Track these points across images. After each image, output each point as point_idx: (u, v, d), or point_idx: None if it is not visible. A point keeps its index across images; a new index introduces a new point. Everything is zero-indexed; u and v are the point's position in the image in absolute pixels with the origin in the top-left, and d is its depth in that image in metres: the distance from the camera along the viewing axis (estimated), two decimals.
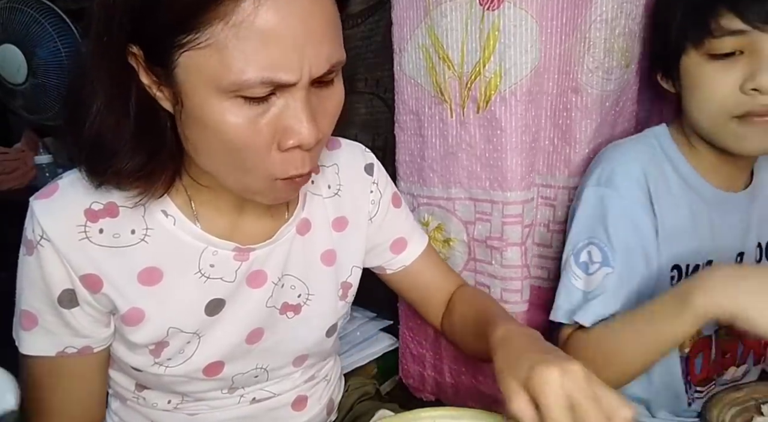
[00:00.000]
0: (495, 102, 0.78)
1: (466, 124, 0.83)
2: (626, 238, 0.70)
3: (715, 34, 0.64)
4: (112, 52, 0.46)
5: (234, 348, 0.60)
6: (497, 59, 0.76)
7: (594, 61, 0.77)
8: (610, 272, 0.69)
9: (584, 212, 0.73)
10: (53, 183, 0.55)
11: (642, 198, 0.71)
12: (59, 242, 0.52)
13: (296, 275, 0.64)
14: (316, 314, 0.66)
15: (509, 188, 0.82)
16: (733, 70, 0.64)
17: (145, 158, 0.50)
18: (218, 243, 0.57)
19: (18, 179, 1.58)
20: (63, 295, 0.53)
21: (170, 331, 0.57)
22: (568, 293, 0.71)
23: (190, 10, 0.41)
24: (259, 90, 0.44)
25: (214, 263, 0.58)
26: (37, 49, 1.41)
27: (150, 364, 0.58)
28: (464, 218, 0.89)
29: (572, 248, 0.73)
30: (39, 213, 0.52)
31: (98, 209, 0.53)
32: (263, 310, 0.61)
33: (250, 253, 0.59)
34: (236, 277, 0.59)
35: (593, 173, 0.73)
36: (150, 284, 0.56)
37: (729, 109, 0.65)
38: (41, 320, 0.55)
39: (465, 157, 0.85)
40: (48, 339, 0.55)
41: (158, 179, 0.52)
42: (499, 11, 0.74)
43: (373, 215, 0.71)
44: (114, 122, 0.48)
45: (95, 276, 0.53)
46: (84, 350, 0.57)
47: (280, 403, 0.68)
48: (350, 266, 0.69)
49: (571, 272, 0.72)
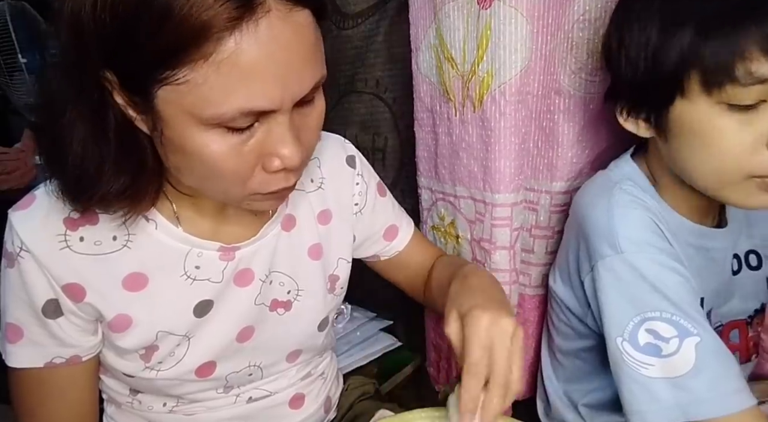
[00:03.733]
0: (486, 102, 0.78)
1: (465, 123, 0.83)
2: (687, 296, 0.58)
3: (742, 82, 0.52)
4: (86, 78, 0.45)
5: (225, 347, 0.61)
6: (489, 58, 0.76)
7: (577, 62, 0.76)
8: (699, 341, 0.56)
9: (615, 289, 0.60)
10: (30, 194, 0.54)
11: (665, 244, 0.61)
12: (39, 253, 0.51)
13: (284, 272, 0.64)
14: (307, 308, 0.66)
15: (497, 190, 0.81)
16: (756, 123, 0.54)
17: (129, 180, 0.49)
18: (202, 244, 0.57)
19: (18, 179, 1.58)
20: (47, 306, 0.53)
21: (159, 335, 0.57)
22: (646, 390, 0.57)
23: (170, 50, 0.40)
24: (241, 121, 0.43)
25: (199, 265, 0.58)
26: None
27: (141, 369, 0.58)
28: (468, 217, 0.89)
29: (620, 333, 0.59)
30: (17, 225, 0.52)
31: (77, 217, 0.53)
32: (252, 308, 0.62)
33: (235, 252, 0.59)
34: (223, 277, 0.59)
35: (595, 245, 0.63)
36: (135, 289, 0.55)
37: (749, 169, 0.56)
38: (27, 332, 0.55)
39: (465, 156, 0.85)
40: (35, 350, 0.55)
41: (144, 197, 0.52)
42: (491, 9, 0.73)
43: (362, 207, 0.71)
44: (96, 150, 0.47)
45: (77, 286, 0.53)
46: (72, 359, 0.57)
47: (276, 402, 0.69)
48: (336, 259, 0.69)
49: (634, 364, 0.57)
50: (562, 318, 0.76)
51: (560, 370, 0.81)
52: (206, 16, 0.39)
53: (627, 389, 0.58)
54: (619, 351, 0.59)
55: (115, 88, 0.45)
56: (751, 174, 0.56)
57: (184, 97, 0.42)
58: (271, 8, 0.41)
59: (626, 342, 0.58)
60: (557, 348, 0.80)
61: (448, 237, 0.93)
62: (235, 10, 0.39)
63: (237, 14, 0.39)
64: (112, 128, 0.47)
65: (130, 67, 0.42)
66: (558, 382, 0.82)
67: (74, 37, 0.43)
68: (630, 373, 0.58)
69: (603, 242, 0.62)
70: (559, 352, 0.80)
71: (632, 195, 0.64)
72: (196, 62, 0.40)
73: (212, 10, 0.39)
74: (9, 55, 1.41)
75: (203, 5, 0.39)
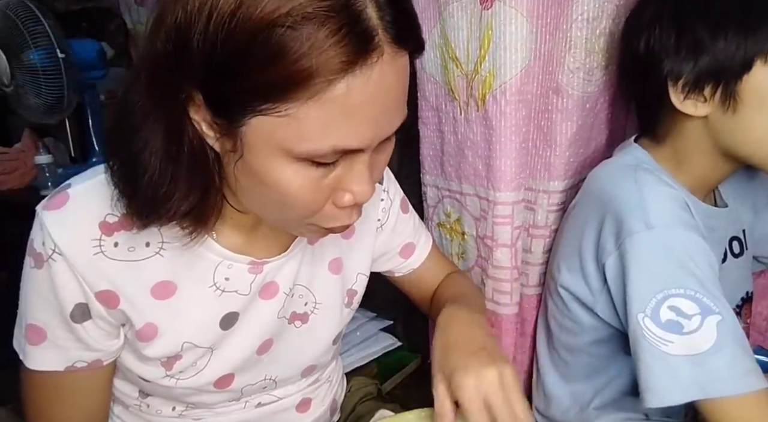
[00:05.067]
0: (489, 101, 0.78)
1: (470, 122, 0.83)
2: (711, 274, 0.59)
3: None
4: (172, 93, 0.43)
5: (245, 359, 0.60)
6: (491, 58, 0.76)
7: (575, 61, 0.77)
8: (720, 319, 0.56)
9: (641, 265, 0.60)
10: (62, 192, 0.52)
11: (694, 222, 0.62)
12: (73, 257, 0.49)
13: (304, 284, 0.63)
14: (323, 322, 0.66)
15: (498, 188, 0.81)
16: None
17: (198, 199, 0.48)
18: (234, 257, 0.56)
19: (18, 179, 1.58)
20: (75, 309, 0.51)
21: (184, 346, 0.56)
22: (665, 366, 0.57)
23: (278, 87, 0.39)
24: (330, 157, 0.43)
25: (229, 277, 0.57)
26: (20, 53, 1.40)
27: (161, 376, 0.57)
28: (474, 214, 0.89)
29: (642, 309, 0.59)
30: (50, 225, 0.49)
31: (113, 222, 0.51)
32: (274, 321, 0.61)
33: (264, 266, 0.58)
34: (251, 290, 0.58)
35: (625, 221, 0.63)
36: (163, 297, 0.54)
37: None
38: (50, 334, 0.53)
39: (470, 154, 0.85)
40: (57, 353, 0.54)
41: (209, 216, 0.51)
42: (492, 9, 0.74)
43: (383, 222, 0.71)
44: (170, 167, 0.46)
45: (112, 293, 0.52)
46: (94, 363, 0.55)
47: (284, 406, 0.69)
48: (356, 274, 0.69)
49: (654, 340, 0.57)
50: (567, 313, 0.76)
51: (564, 368, 0.81)
52: (323, 58, 0.38)
53: (645, 365, 0.58)
54: (640, 327, 0.58)
55: (196, 106, 0.44)
56: None
57: (278, 129, 0.41)
58: (384, 52, 0.40)
59: (648, 319, 0.58)
60: (561, 345, 0.80)
61: (454, 234, 0.94)
62: (352, 55, 0.39)
63: (353, 59, 0.39)
64: (186, 144, 0.46)
65: (228, 93, 0.41)
66: (562, 381, 0.82)
67: (174, 52, 0.41)
68: (650, 349, 0.57)
69: (634, 218, 0.62)
70: (563, 349, 0.80)
71: (656, 176, 0.66)
72: (302, 100, 0.39)
73: (329, 53, 0.38)
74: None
75: (320, 48, 0.38)
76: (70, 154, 1.65)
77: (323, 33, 0.37)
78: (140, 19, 1.72)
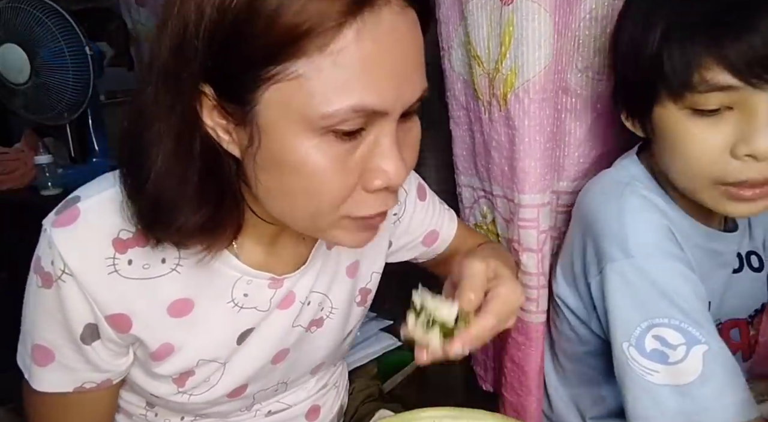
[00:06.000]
0: (510, 101, 0.75)
1: (494, 122, 0.80)
2: (696, 303, 0.57)
3: (699, 89, 0.53)
4: (182, 94, 0.42)
5: (259, 369, 0.58)
6: (512, 56, 0.73)
7: (584, 60, 0.75)
8: (707, 349, 0.55)
9: (623, 294, 0.59)
10: (71, 206, 0.48)
11: (677, 250, 0.60)
12: (85, 279, 0.47)
13: (321, 291, 0.61)
14: (337, 324, 0.64)
15: (523, 190, 0.78)
16: (722, 129, 0.54)
17: (211, 210, 0.45)
18: (254, 274, 0.54)
19: (18, 179, 1.57)
20: (85, 331, 0.49)
21: (199, 362, 0.54)
22: (651, 396, 0.56)
23: (286, 41, 0.37)
24: (351, 122, 0.40)
25: (248, 293, 0.54)
26: (39, 49, 1.41)
27: (173, 393, 0.55)
28: (504, 216, 0.86)
29: (626, 338, 0.58)
30: (60, 244, 0.46)
31: (127, 238, 0.48)
32: (290, 330, 0.59)
33: (284, 281, 0.56)
34: (270, 305, 0.56)
35: (605, 248, 0.61)
36: (180, 315, 0.52)
37: (718, 175, 0.55)
38: (59, 355, 0.50)
39: (497, 155, 0.82)
40: (65, 374, 0.51)
41: (224, 231, 0.48)
42: (513, 5, 0.71)
43: (400, 215, 0.69)
44: (179, 171, 0.44)
45: (125, 316, 0.49)
46: (103, 384, 0.53)
47: (294, 414, 0.67)
48: (370, 273, 0.67)
49: (639, 370, 0.56)
50: (564, 322, 0.75)
51: (566, 374, 0.80)
52: (325, 4, 0.36)
53: (632, 395, 0.57)
54: (625, 356, 0.58)
55: (209, 105, 0.42)
56: (718, 181, 0.56)
57: (293, 95, 0.39)
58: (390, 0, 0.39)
59: (632, 348, 0.57)
60: (562, 352, 0.79)
61: (490, 235, 0.91)
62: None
63: (358, 1, 0.37)
64: (198, 150, 0.44)
65: (234, 67, 0.40)
66: (563, 387, 0.81)
67: (178, 49, 0.41)
68: (635, 379, 0.57)
69: (613, 245, 0.61)
70: (563, 356, 0.79)
71: (643, 198, 0.63)
72: (309, 55, 0.38)
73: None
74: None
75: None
76: (70, 154, 1.65)
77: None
78: (140, 19, 1.71)
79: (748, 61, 0.50)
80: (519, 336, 0.84)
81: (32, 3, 1.39)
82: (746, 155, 0.53)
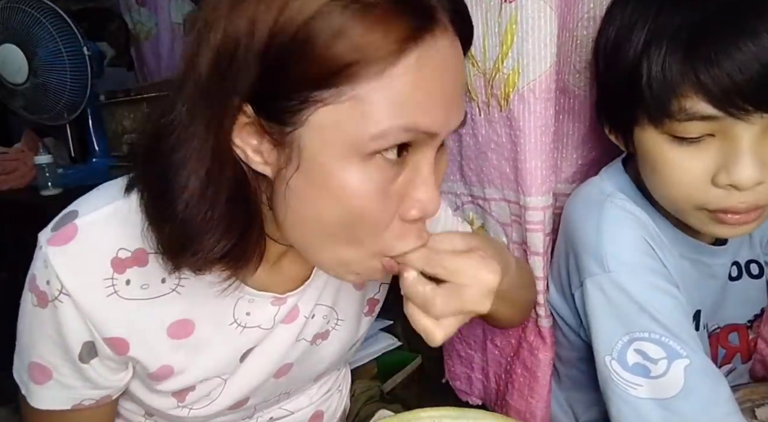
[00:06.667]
0: (513, 101, 0.73)
1: (493, 123, 0.78)
2: (677, 317, 0.57)
3: (678, 118, 0.51)
4: (222, 112, 0.40)
5: (261, 383, 0.57)
6: (515, 55, 0.71)
7: (581, 61, 0.74)
8: (688, 363, 0.54)
9: (603, 308, 0.59)
10: (68, 224, 0.46)
11: (657, 264, 0.60)
12: (83, 300, 0.45)
13: (327, 304, 0.60)
14: (342, 334, 0.63)
15: (529, 192, 0.76)
16: (703, 156, 0.53)
17: (236, 238, 0.43)
18: (256, 294, 0.52)
19: (18, 179, 1.57)
20: (83, 350, 0.47)
21: (201, 380, 0.53)
22: (634, 409, 0.55)
23: (341, 67, 0.36)
24: (399, 139, 0.39)
25: (250, 311, 0.53)
26: (38, 49, 1.41)
27: (172, 407, 0.54)
28: (500, 219, 0.84)
29: (608, 352, 0.58)
30: (57, 264, 0.45)
31: (125, 258, 0.46)
32: (293, 344, 0.58)
33: (288, 298, 0.55)
34: (274, 322, 0.55)
35: (584, 261, 0.61)
36: (180, 337, 0.50)
37: (698, 202, 0.55)
38: (56, 374, 0.49)
39: (495, 157, 0.80)
40: (63, 392, 0.50)
41: (249, 259, 0.45)
42: (517, 3, 0.69)
43: None
44: (211, 197, 0.41)
45: (122, 340, 0.48)
46: (102, 400, 0.52)
47: (297, 420, 0.67)
48: (379, 284, 0.66)
49: (622, 383, 0.56)
50: (558, 328, 0.75)
51: (560, 377, 0.80)
52: (386, 30, 0.36)
53: (615, 408, 0.57)
54: (607, 369, 0.58)
55: (242, 123, 0.40)
56: (702, 207, 0.55)
57: (345, 117, 0.38)
58: (446, 27, 0.40)
59: (615, 361, 0.57)
60: (557, 356, 0.79)
61: None
62: (417, 24, 0.38)
63: (419, 27, 0.37)
64: (229, 170, 0.41)
65: (284, 87, 0.38)
66: (558, 389, 0.81)
67: (224, 61, 0.38)
68: (618, 392, 0.57)
69: (591, 259, 0.60)
70: (558, 361, 0.79)
71: (624, 210, 0.62)
72: (369, 79, 0.37)
73: (392, 23, 0.36)
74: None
75: (385, 20, 0.36)
76: (70, 154, 1.65)
77: (385, 5, 0.36)
78: (140, 19, 1.72)
79: (726, 90, 0.48)
80: (535, 339, 0.81)
81: (30, 3, 1.39)
82: (728, 185, 0.52)
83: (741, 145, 0.51)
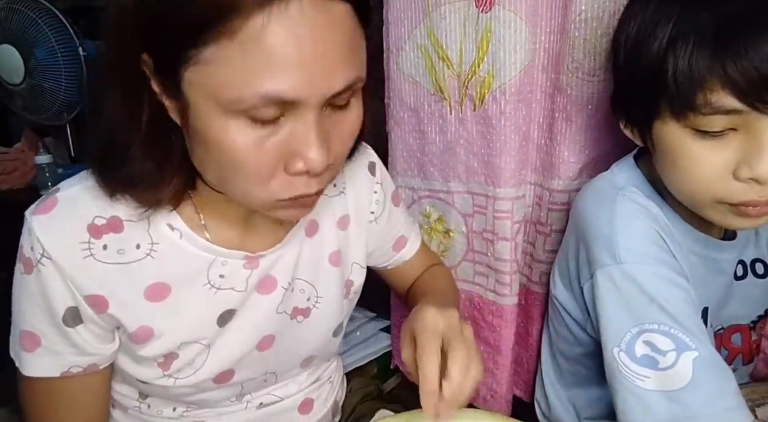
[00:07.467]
0: (488, 101, 0.80)
1: (464, 121, 0.84)
2: (687, 309, 0.57)
3: (703, 111, 0.51)
4: (126, 58, 0.45)
5: (245, 355, 0.60)
6: (490, 60, 0.78)
7: (574, 61, 0.76)
8: (697, 356, 0.54)
9: (613, 299, 0.59)
10: (50, 196, 0.51)
11: (668, 257, 0.60)
12: (62, 261, 0.49)
13: (305, 279, 0.63)
14: (324, 315, 0.66)
15: (499, 184, 0.83)
16: (724, 150, 0.53)
17: (154, 166, 0.48)
18: (228, 254, 0.56)
19: (18, 179, 1.58)
20: (67, 313, 0.51)
21: (181, 345, 0.56)
22: (641, 401, 0.55)
23: (196, 26, 0.39)
24: (265, 111, 0.41)
25: (223, 274, 0.56)
26: (34, 49, 1.41)
27: (158, 377, 0.56)
28: (463, 210, 0.90)
29: (617, 343, 0.57)
30: (38, 230, 0.49)
31: (101, 224, 0.51)
32: (274, 316, 0.61)
33: (260, 260, 0.58)
34: (247, 285, 0.58)
35: (596, 253, 0.61)
36: (158, 300, 0.54)
37: (719, 195, 0.55)
38: (44, 340, 0.52)
39: (463, 152, 0.86)
40: (52, 359, 0.53)
41: (167, 189, 0.50)
42: (491, 13, 0.75)
43: (377, 216, 0.71)
44: (126, 131, 0.47)
45: (101, 297, 0.51)
46: (90, 368, 0.55)
47: (286, 407, 0.68)
48: (351, 264, 0.69)
49: (630, 375, 0.56)
50: (562, 322, 0.75)
51: (563, 374, 0.80)
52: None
53: (622, 399, 0.57)
54: (615, 361, 0.57)
55: (152, 75, 0.45)
56: (722, 200, 0.55)
57: (209, 79, 0.41)
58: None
59: (623, 353, 0.57)
60: (559, 351, 0.79)
61: (434, 233, 0.96)
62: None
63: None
64: (146, 114, 0.46)
65: (162, 45, 0.42)
66: (560, 386, 0.81)
67: (119, 19, 0.44)
68: (626, 384, 0.56)
69: (603, 250, 0.60)
70: (561, 356, 0.79)
71: (637, 203, 0.63)
72: (221, 40, 0.39)
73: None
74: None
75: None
76: (70, 154, 1.65)
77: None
78: None
79: (754, 83, 0.48)
80: (495, 319, 0.91)
81: (27, 4, 1.39)
82: (749, 178, 0.52)
83: (764, 139, 0.51)
